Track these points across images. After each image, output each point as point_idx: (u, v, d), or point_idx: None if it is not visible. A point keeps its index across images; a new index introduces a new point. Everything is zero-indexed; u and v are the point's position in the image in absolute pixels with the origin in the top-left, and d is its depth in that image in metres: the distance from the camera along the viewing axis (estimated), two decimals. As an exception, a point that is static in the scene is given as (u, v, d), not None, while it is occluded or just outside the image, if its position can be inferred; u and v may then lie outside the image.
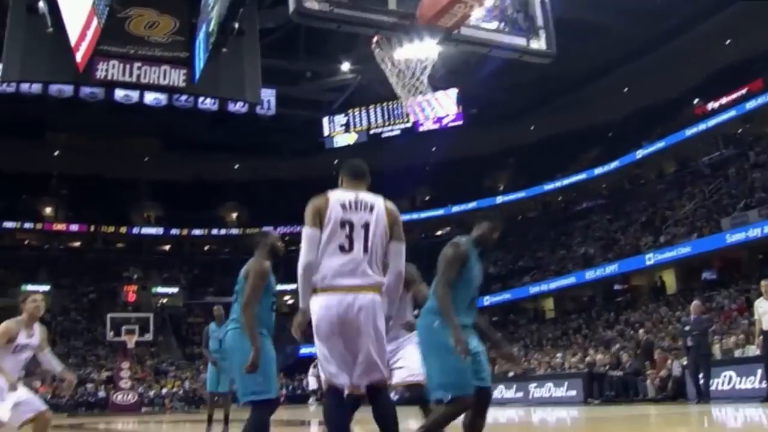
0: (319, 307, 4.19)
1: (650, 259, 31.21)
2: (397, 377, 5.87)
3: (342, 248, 4.20)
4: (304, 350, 33.93)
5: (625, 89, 41.25)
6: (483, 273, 5.12)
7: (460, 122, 43.68)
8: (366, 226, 4.27)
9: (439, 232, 49.13)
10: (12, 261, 46.20)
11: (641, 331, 23.87)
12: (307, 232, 4.28)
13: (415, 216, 47.80)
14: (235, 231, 52.02)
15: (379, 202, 4.47)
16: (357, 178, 4.62)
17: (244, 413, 5.08)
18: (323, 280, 4.19)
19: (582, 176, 42.29)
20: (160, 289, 49.14)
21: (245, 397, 5.21)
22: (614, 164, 40.47)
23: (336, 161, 51.39)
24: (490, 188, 47.46)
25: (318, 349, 4.25)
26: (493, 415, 15.94)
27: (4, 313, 6.70)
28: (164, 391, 33.99)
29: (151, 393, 33.72)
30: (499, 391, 21.38)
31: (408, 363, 5.76)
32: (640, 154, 39.10)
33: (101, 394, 32.41)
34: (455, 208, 47.37)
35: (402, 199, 49.96)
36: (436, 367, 4.73)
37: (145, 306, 43.57)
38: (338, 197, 4.39)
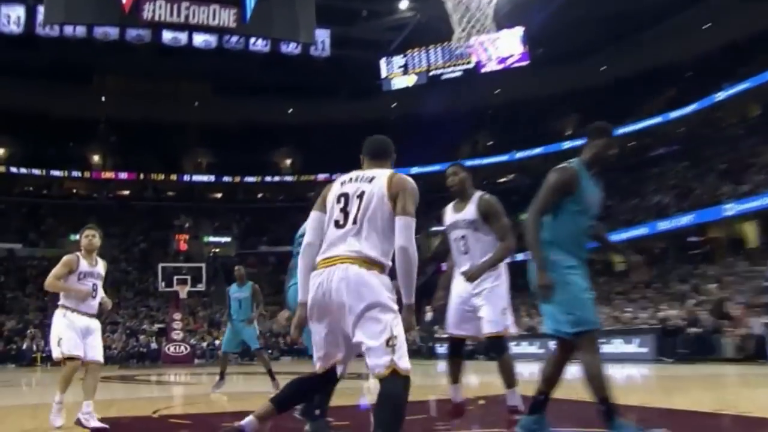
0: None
1: (729, 209, 30.44)
2: (478, 330, 5.88)
3: (337, 223, 3.97)
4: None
5: (706, 25, 39.89)
6: (600, 200, 4.86)
7: (526, 62, 42.93)
8: (360, 196, 3.96)
9: (502, 179, 48.76)
10: (60, 211, 47.37)
11: (712, 286, 23.45)
12: (310, 214, 4.17)
13: (476, 162, 47.41)
14: (289, 178, 52.31)
15: (383, 173, 4.04)
16: (377, 158, 4.26)
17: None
18: (318, 258, 3.99)
19: (656, 120, 41.23)
20: (212, 238, 49.96)
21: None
22: (692, 107, 39.32)
23: (394, 104, 51.33)
24: (556, 133, 46.64)
25: None
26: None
27: (52, 263, 6.99)
28: (217, 342, 34.59)
29: (204, 344, 34.37)
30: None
31: (488, 314, 5.73)
32: (720, 96, 37.88)
33: (153, 345, 33.24)
34: (519, 154, 46.86)
35: (463, 144, 49.69)
36: (558, 302, 4.58)
37: (197, 256, 44.34)
38: (344, 176, 4.19)
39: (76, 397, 6.95)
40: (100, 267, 7.20)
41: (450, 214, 6.08)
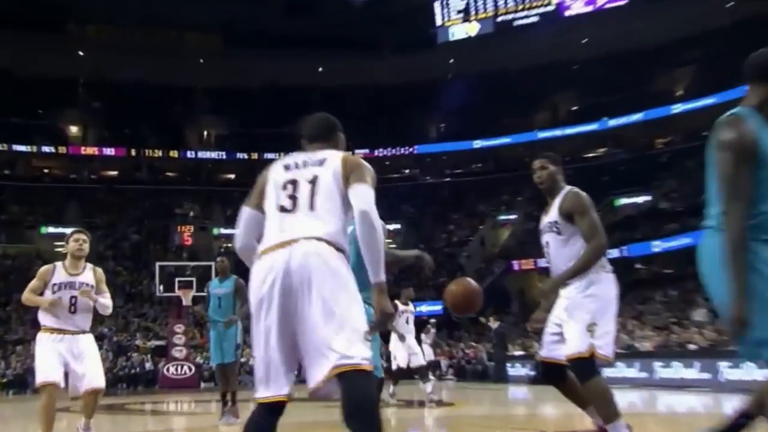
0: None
1: None
2: (558, 352, 5.96)
3: (283, 209, 4.15)
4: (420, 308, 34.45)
5: None
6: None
7: (623, 2, 42.32)
8: (314, 180, 4.15)
9: (590, 155, 48.24)
10: (28, 196, 47.59)
11: None
12: (242, 210, 4.38)
13: (558, 133, 47.05)
14: (320, 153, 52.28)
15: (335, 154, 4.28)
16: (317, 139, 4.50)
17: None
18: (259, 249, 4.12)
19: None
20: (224, 230, 50.01)
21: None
22: None
23: (451, 60, 51.01)
24: (663, 93, 45.91)
25: None
26: (673, 401, 15.51)
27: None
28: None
29: (213, 364, 34.41)
30: (675, 370, 20.97)
31: (568, 331, 5.81)
32: None
33: (148, 365, 33.42)
34: (613, 122, 46.38)
35: (540, 110, 49.32)
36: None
37: (205, 252, 44.50)
38: (284, 160, 4.38)
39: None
40: (88, 275, 7.55)
41: (543, 216, 6.23)
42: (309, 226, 3.99)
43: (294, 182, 4.16)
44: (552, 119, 49.99)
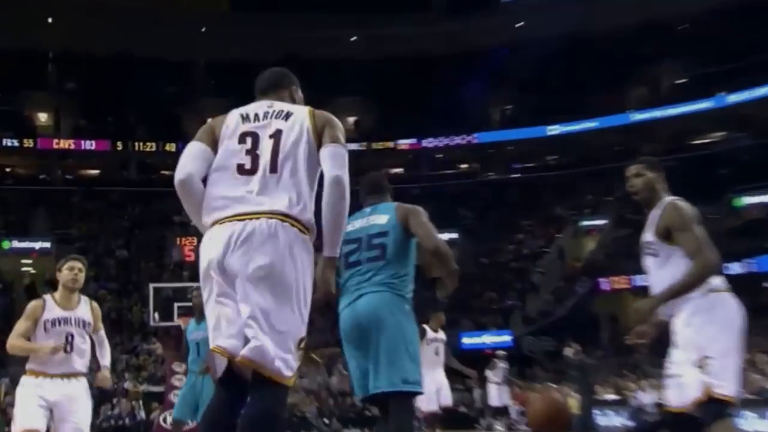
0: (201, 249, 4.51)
1: None
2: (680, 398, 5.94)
3: (241, 168, 4.53)
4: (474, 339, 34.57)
5: None
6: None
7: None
8: (276, 135, 4.56)
9: (702, 141, 47.82)
10: (-16, 201, 47.78)
11: None
12: (190, 144, 4.76)
13: (658, 114, 46.61)
14: (353, 145, 52.06)
15: (301, 107, 4.78)
16: (268, 91, 5.06)
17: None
18: (210, 215, 4.52)
19: None
20: (233, 242, 50.20)
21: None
22: None
23: (520, 24, 50.86)
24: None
25: None
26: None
27: None
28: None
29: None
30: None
31: (683, 377, 5.80)
32: None
33: (140, 414, 33.49)
34: (734, 98, 45.68)
35: (635, 83, 48.93)
36: None
37: (209, 270, 44.59)
38: (242, 109, 4.86)
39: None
40: (84, 310, 7.86)
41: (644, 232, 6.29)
42: (271, 197, 4.37)
43: (254, 135, 4.59)
44: (651, 96, 49.62)
